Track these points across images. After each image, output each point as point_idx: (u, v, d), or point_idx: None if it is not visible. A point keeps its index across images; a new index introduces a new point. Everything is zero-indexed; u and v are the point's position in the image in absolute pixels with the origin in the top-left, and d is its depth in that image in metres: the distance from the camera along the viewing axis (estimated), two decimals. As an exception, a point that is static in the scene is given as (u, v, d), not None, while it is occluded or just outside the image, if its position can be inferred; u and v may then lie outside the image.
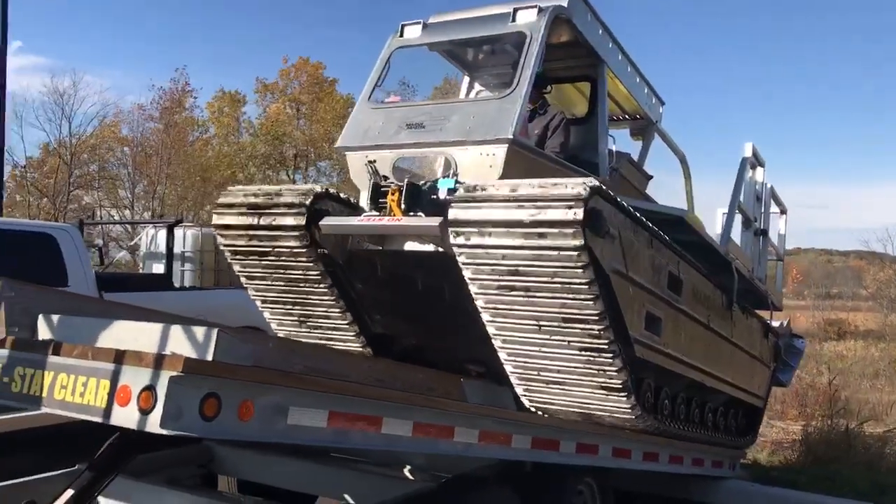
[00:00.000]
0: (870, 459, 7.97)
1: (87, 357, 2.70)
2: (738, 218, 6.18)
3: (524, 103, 4.31)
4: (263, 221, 4.62)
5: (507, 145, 4.16)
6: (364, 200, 4.57)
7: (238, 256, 4.85)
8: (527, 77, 4.30)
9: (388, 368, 4.54)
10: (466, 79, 5.52)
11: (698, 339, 5.04)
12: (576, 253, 3.62)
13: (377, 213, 4.39)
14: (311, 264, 4.67)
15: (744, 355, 6.02)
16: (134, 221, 27.72)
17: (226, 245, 4.82)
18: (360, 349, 5.01)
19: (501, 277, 3.89)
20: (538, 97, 5.18)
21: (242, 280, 5.03)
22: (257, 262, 4.83)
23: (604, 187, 3.83)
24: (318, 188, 4.73)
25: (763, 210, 6.69)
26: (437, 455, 4.49)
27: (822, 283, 45.36)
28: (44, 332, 3.26)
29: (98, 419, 2.59)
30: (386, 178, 4.43)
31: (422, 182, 4.35)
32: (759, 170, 6.56)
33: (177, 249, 10.82)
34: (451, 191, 4.02)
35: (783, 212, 7.38)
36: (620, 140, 6.16)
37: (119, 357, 2.60)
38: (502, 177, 4.12)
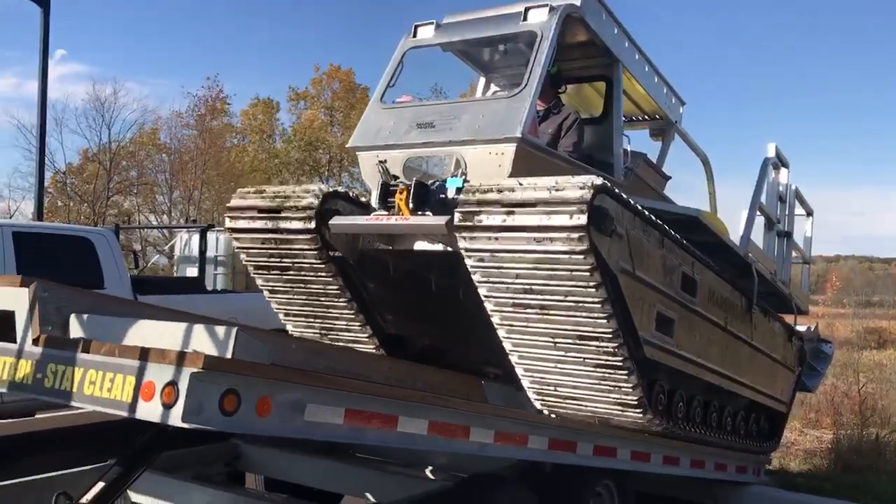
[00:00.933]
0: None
1: (115, 354, 2.79)
2: (760, 220, 6.08)
3: (533, 102, 4.29)
4: (273, 224, 4.69)
5: (515, 144, 4.16)
6: (374, 200, 4.59)
7: (251, 258, 4.93)
8: (536, 76, 4.30)
9: (409, 370, 4.64)
10: (482, 80, 5.54)
11: (715, 342, 5.01)
12: (582, 257, 3.62)
13: (386, 213, 4.41)
14: (322, 264, 4.71)
15: (765, 359, 5.94)
16: (167, 226, 28.22)
17: (239, 247, 4.91)
18: (373, 350, 5.04)
19: (510, 282, 3.90)
20: (552, 97, 5.18)
21: (257, 281, 5.09)
22: (269, 262, 4.89)
23: (609, 185, 3.81)
24: (327, 188, 4.77)
25: (787, 212, 6.61)
26: (458, 456, 4.54)
27: (863, 290, 44.43)
28: (75, 331, 3.35)
29: (124, 413, 2.69)
30: (396, 177, 4.43)
31: (430, 181, 4.36)
32: (784, 171, 6.46)
33: (210, 253, 11.08)
34: (460, 190, 4.04)
35: (809, 214, 7.27)
36: (640, 140, 6.19)
37: (144, 354, 2.69)
38: (511, 175, 4.11)
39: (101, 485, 3.60)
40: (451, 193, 4.07)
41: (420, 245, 4.49)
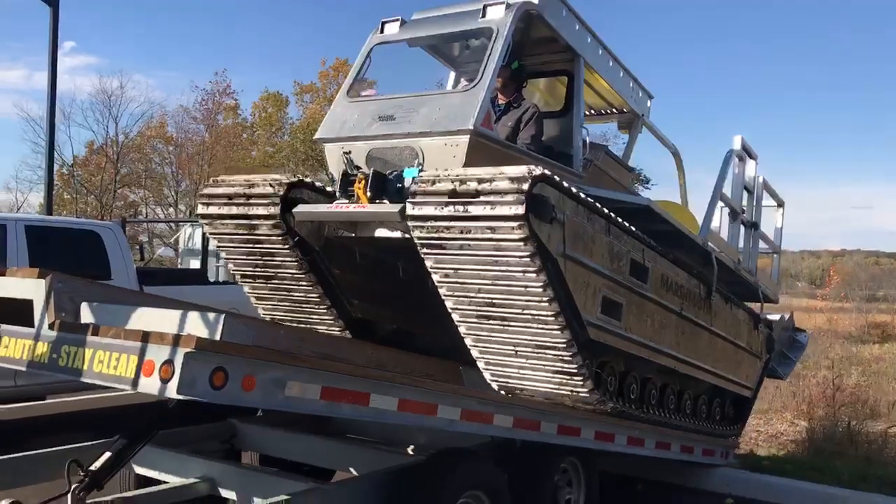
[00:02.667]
0: (870, 454, 7.98)
1: (120, 337, 3.14)
2: (726, 211, 6.28)
3: (487, 96, 4.40)
4: (241, 211, 4.84)
5: (468, 136, 4.30)
6: (336, 189, 4.73)
7: (222, 243, 5.09)
8: (490, 71, 4.42)
9: (390, 355, 4.90)
10: (452, 74, 5.65)
11: (668, 327, 5.15)
12: (522, 243, 3.75)
13: (346, 201, 4.56)
14: (287, 250, 4.87)
15: (727, 345, 6.12)
16: (171, 220, 28.58)
17: (211, 233, 5.09)
18: (339, 333, 5.23)
19: (458, 267, 4.04)
20: (513, 91, 5.32)
21: (229, 265, 5.30)
22: (238, 248, 5.05)
23: (549, 174, 3.95)
24: (292, 177, 4.92)
25: (755, 203, 6.74)
26: (437, 435, 4.86)
27: (868, 285, 44.34)
28: (86, 317, 3.71)
29: (128, 388, 3.05)
30: (358, 167, 4.55)
31: (389, 171, 4.48)
32: (751, 163, 6.59)
33: (212, 246, 11.43)
34: (416, 180, 4.13)
35: (780, 205, 7.43)
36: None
37: (145, 337, 3.04)
38: (466, 166, 4.22)
39: (108, 454, 4.02)
40: (407, 183, 4.17)
41: (380, 232, 4.62)
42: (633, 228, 4.75)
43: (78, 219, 17.15)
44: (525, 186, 3.71)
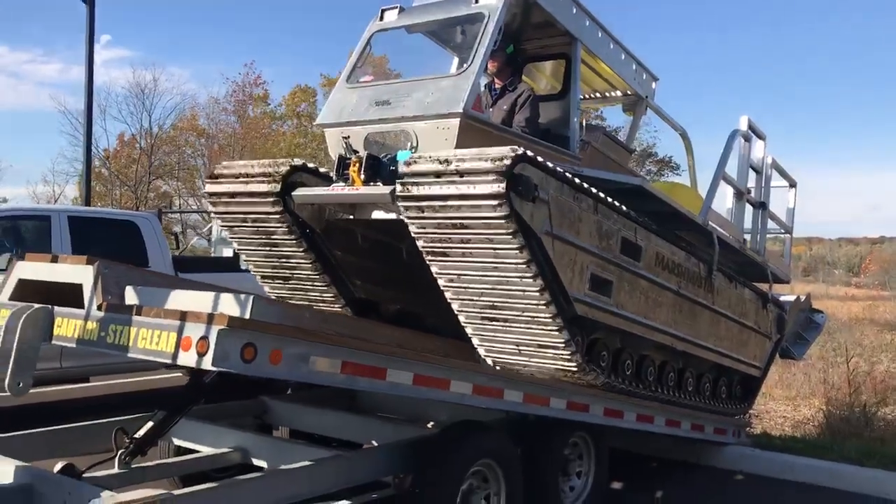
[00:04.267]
0: (883, 436, 8.05)
1: (161, 316, 3.41)
2: (731, 191, 6.33)
3: (477, 79, 4.51)
4: (244, 196, 5.02)
5: (459, 119, 4.41)
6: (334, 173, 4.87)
7: (227, 224, 5.26)
8: (480, 55, 4.54)
9: (408, 336, 5.08)
10: (456, 59, 5.64)
11: (665, 304, 5.23)
12: (504, 221, 3.86)
13: (343, 184, 4.70)
14: (288, 232, 5.03)
15: (732, 324, 6.17)
16: (205, 211, 29.07)
17: (216, 213, 5.27)
18: (341, 311, 5.41)
19: (446, 247, 4.16)
20: (509, 75, 5.43)
21: (235, 246, 5.49)
22: (242, 229, 5.22)
23: (530, 154, 4.04)
24: (293, 162, 5.06)
25: (763, 183, 6.77)
26: (458, 413, 5.05)
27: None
28: (130, 299, 4.02)
29: (168, 361, 3.38)
30: (356, 151, 4.68)
31: (383, 154, 4.60)
32: (759, 143, 6.62)
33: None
34: (405, 162, 4.22)
35: (792, 185, 7.47)
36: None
37: (183, 316, 3.33)
38: (457, 148, 4.33)
39: (150, 424, 4.43)
40: (401, 167, 4.24)
41: (377, 214, 4.75)
42: (624, 208, 4.82)
43: (116, 210, 17.71)
44: (505, 166, 3.82)
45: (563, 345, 4.43)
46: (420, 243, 4.27)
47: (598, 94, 6.54)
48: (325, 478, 4.23)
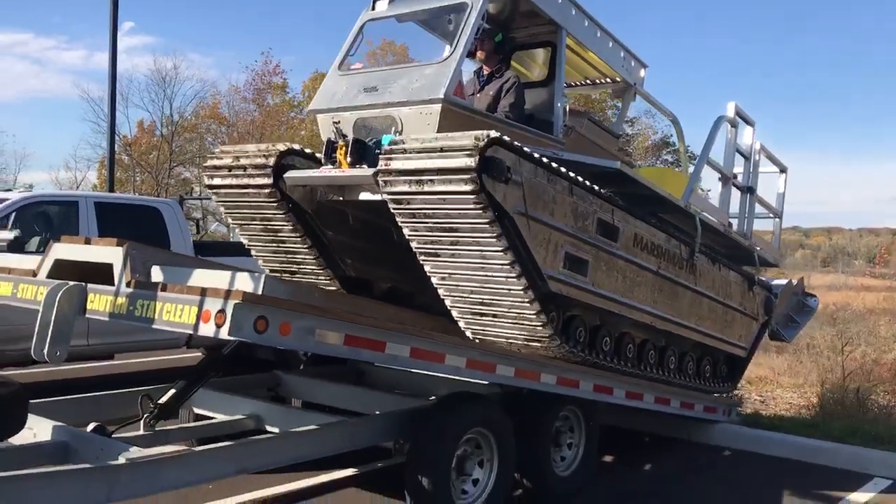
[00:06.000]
0: (876, 417, 8.18)
1: (183, 292, 3.77)
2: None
3: (458, 67, 4.67)
4: (238, 179, 5.23)
5: (440, 104, 4.58)
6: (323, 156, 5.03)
7: (226, 207, 5.51)
8: (462, 44, 4.72)
9: (408, 315, 5.46)
10: (448, 46, 5.56)
11: (643, 284, 5.41)
12: (473, 196, 4.03)
13: (331, 167, 4.89)
14: (281, 213, 5.24)
15: (715, 305, 6.34)
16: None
17: (217, 200, 5.52)
18: (334, 289, 5.65)
19: (424, 225, 4.34)
20: (497, 62, 5.59)
21: (236, 229, 5.75)
22: (240, 212, 5.46)
23: (503, 137, 4.19)
24: (285, 146, 5.27)
25: (752, 169, 6.91)
26: (458, 387, 5.45)
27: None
28: (156, 277, 4.37)
29: (190, 331, 3.74)
30: (345, 136, 4.84)
31: (369, 138, 4.78)
32: (748, 129, 6.76)
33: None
34: (387, 144, 4.37)
35: (782, 171, 7.63)
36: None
37: (203, 291, 3.69)
38: (439, 132, 4.48)
39: (173, 391, 4.87)
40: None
41: (364, 196, 4.94)
42: (599, 189, 5.00)
43: (140, 196, 18.17)
44: (477, 149, 4.02)
45: (535, 317, 4.62)
46: (399, 220, 4.47)
47: (588, 82, 6.72)
48: (330, 440, 4.65)
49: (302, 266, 5.67)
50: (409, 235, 4.52)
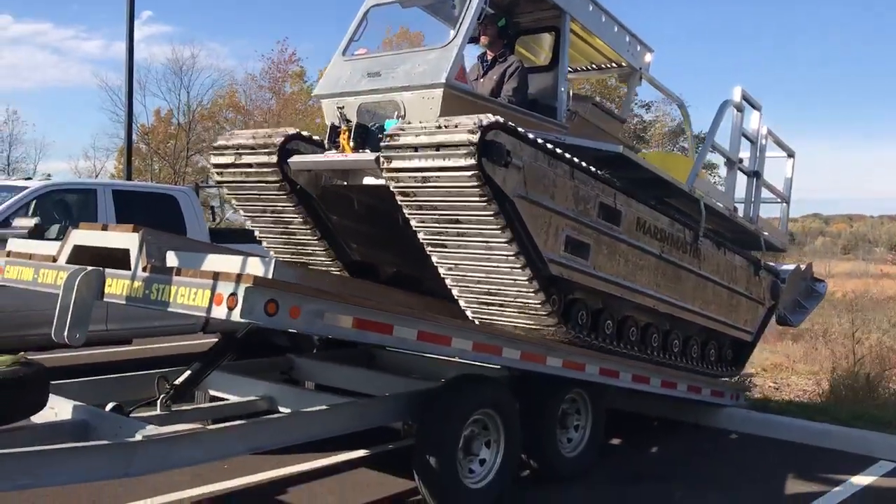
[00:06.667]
0: (885, 402, 8.17)
1: (197, 277, 3.86)
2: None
3: (461, 51, 4.71)
4: (244, 162, 5.27)
5: (442, 88, 4.62)
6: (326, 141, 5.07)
7: (232, 192, 5.54)
8: (464, 28, 4.76)
9: (417, 300, 5.60)
10: (452, 32, 5.53)
11: (646, 268, 5.43)
12: (470, 173, 4.06)
13: (334, 151, 4.94)
14: (286, 198, 5.27)
15: (720, 289, 6.35)
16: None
17: (220, 181, 5.57)
18: (339, 273, 5.71)
19: (427, 210, 4.39)
20: (500, 47, 5.60)
21: (239, 211, 5.79)
22: (244, 195, 5.51)
23: (503, 121, 4.21)
24: (290, 131, 5.30)
25: (758, 153, 6.91)
26: (464, 370, 5.55)
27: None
28: (171, 262, 4.36)
29: (203, 314, 3.87)
30: (349, 121, 4.88)
31: (373, 123, 4.82)
32: (755, 114, 6.75)
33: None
34: (390, 128, 4.40)
35: (790, 155, 7.64)
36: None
37: (216, 276, 3.77)
38: (441, 116, 4.50)
39: (188, 372, 5.02)
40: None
41: (368, 180, 4.95)
42: (600, 173, 5.02)
43: (157, 184, 18.38)
44: (477, 133, 4.05)
45: (540, 306, 4.69)
46: (403, 207, 4.53)
47: (593, 66, 6.73)
48: (340, 420, 4.78)
49: (308, 251, 5.71)
50: (416, 227, 4.58)
